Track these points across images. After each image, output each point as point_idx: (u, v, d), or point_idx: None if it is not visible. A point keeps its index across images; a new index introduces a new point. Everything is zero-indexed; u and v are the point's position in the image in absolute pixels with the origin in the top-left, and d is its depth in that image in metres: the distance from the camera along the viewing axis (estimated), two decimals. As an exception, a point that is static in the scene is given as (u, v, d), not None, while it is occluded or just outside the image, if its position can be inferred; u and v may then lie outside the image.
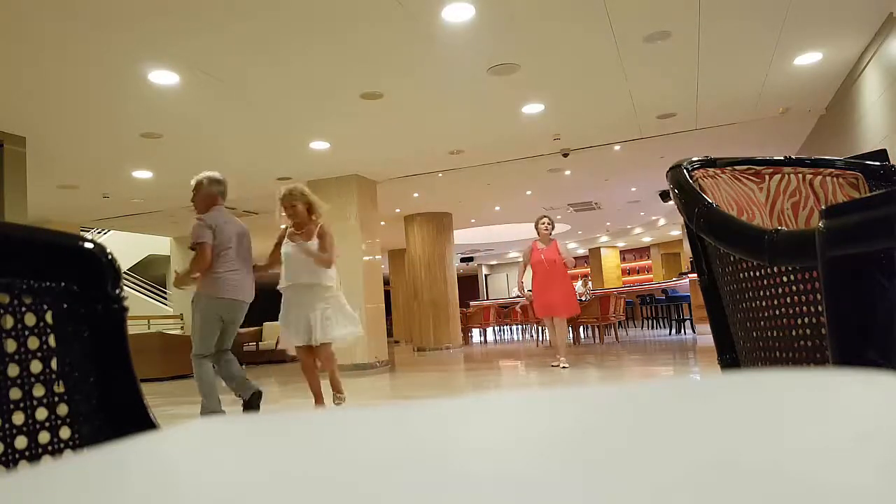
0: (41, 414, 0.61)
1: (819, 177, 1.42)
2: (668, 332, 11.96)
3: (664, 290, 11.99)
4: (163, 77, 4.98)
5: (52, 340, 0.63)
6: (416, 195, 10.58)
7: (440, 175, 8.98)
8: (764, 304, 1.03)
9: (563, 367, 6.66)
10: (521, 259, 7.17)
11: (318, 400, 4.35)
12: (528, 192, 11.22)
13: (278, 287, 4.28)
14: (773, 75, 5.90)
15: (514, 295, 20.33)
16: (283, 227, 4.40)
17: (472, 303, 16.53)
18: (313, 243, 4.13)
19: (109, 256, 0.68)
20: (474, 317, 13.96)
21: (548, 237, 6.82)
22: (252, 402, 4.15)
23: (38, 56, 4.48)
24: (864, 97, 5.51)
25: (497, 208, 12.77)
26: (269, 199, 4.93)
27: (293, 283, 4.17)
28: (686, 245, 14.67)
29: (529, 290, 7.48)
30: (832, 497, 0.15)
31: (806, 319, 0.95)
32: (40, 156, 6.41)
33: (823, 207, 0.83)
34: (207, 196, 4.20)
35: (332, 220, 8.10)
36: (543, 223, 6.84)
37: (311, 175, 8.31)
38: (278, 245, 4.32)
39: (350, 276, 8.34)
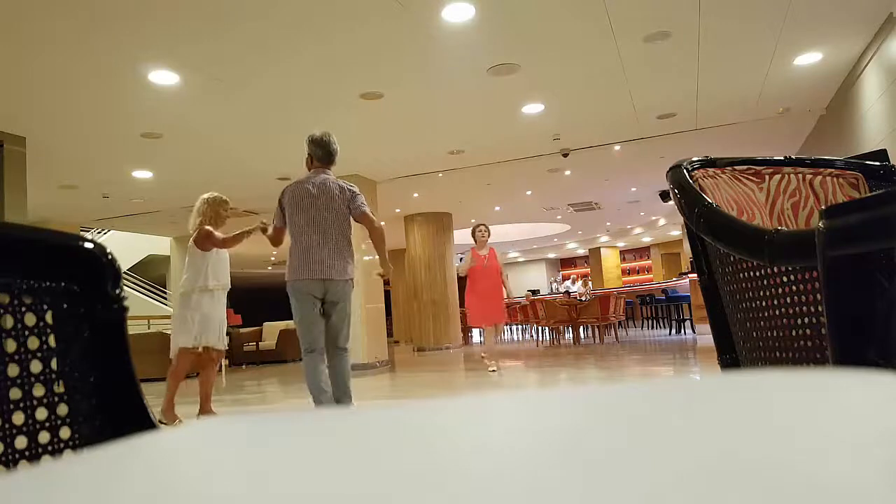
0: (41, 414, 0.61)
1: (819, 177, 1.42)
2: (668, 332, 11.96)
3: (664, 290, 11.99)
4: (163, 77, 4.98)
5: (52, 340, 0.63)
6: (416, 195, 10.58)
7: (440, 175, 8.98)
8: (764, 304, 1.03)
9: (492, 371, 6.74)
10: (462, 263, 7.13)
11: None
12: (528, 192, 11.21)
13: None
14: (773, 75, 5.90)
15: (515, 295, 20.24)
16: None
17: (472, 303, 16.48)
18: None
19: (109, 256, 0.68)
20: (474, 317, 13.92)
21: (485, 244, 6.93)
22: None
23: (38, 56, 4.48)
24: (864, 97, 5.50)
25: (497, 208, 12.77)
26: (270, 200, 4.94)
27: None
28: (686, 245, 14.66)
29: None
30: (832, 497, 0.15)
31: (806, 319, 0.95)
32: (40, 156, 6.42)
33: (823, 207, 0.83)
34: None
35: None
36: (480, 230, 6.95)
37: (311, 175, 8.30)
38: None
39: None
